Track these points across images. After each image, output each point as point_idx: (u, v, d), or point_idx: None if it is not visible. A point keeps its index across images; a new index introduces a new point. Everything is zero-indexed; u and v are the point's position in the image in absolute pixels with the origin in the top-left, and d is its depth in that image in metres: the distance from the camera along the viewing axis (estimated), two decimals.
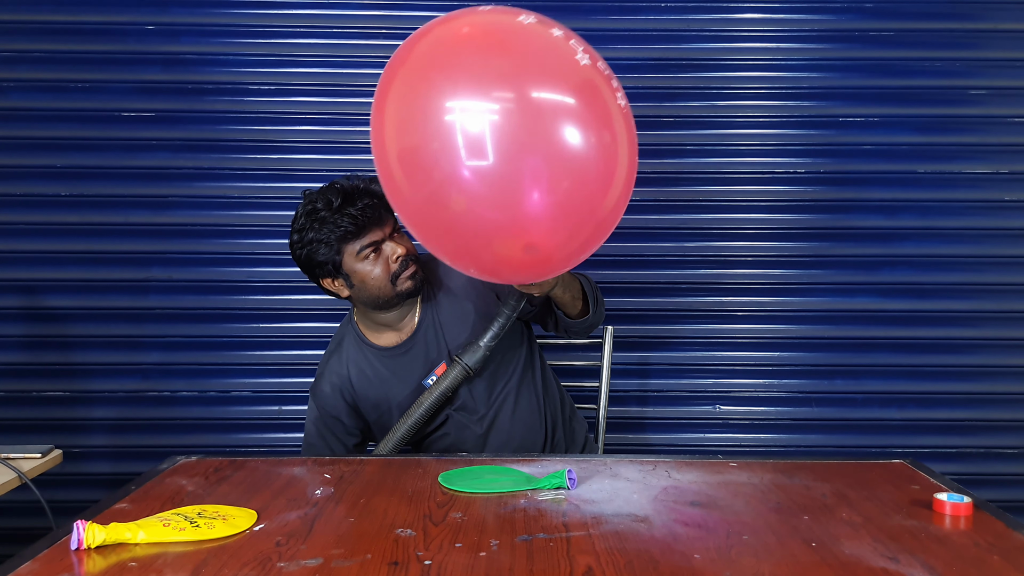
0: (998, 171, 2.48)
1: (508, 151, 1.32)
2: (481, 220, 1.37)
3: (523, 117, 1.34)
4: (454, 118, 1.32)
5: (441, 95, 1.34)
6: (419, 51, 1.43)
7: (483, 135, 1.31)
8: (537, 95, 1.37)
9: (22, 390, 2.44)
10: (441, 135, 1.32)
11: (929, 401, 2.49)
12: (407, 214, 1.45)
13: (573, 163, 1.36)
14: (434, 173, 1.35)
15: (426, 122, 1.35)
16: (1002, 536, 1.21)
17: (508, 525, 1.24)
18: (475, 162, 1.31)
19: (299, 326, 2.47)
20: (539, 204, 1.36)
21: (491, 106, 1.32)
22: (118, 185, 2.44)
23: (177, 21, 2.43)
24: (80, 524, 1.15)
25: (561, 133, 1.36)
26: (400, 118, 1.42)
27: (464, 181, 1.32)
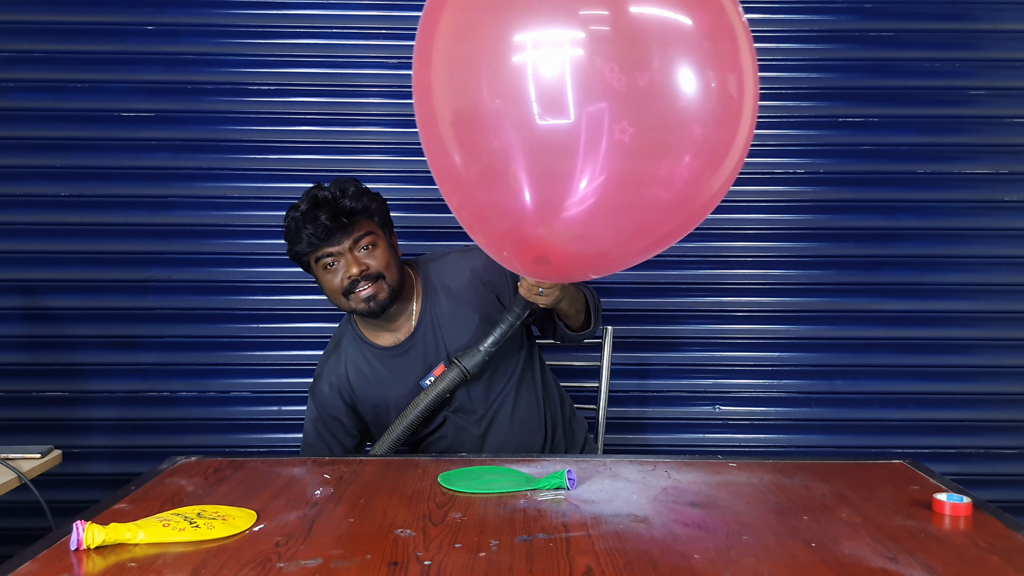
0: (997, 171, 2.48)
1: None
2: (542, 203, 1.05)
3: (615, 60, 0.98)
4: (523, 59, 1.00)
5: (502, 31, 1.01)
6: None
7: (562, 82, 0.96)
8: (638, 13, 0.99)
9: (22, 390, 2.44)
10: (505, 88, 1.00)
11: (929, 401, 2.49)
12: (457, 196, 1.19)
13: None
14: (493, 141, 1.05)
15: (485, 72, 1.03)
16: (1002, 536, 1.21)
17: (508, 525, 1.24)
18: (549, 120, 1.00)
19: (298, 326, 2.47)
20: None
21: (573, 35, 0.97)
22: (118, 185, 2.44)
23: (177, 21, 2.43)
24: (79, 524, 1.15)
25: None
26: (451, 71, 1.12)
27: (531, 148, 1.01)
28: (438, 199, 2.50)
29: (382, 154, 2.46)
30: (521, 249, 1.21)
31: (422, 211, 2.47)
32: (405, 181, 2.47)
